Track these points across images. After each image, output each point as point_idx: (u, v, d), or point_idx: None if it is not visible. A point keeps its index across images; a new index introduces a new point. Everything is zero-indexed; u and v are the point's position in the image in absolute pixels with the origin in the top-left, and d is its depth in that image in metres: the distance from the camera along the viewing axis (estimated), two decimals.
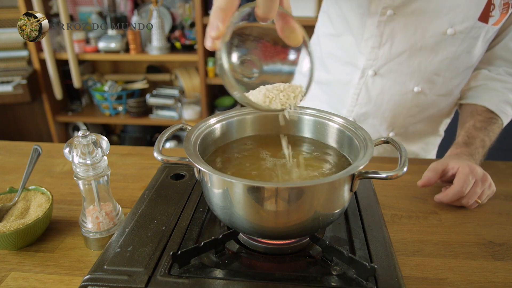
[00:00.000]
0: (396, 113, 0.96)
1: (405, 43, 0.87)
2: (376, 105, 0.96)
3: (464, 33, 0.84)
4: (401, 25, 0.85)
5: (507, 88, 0.91)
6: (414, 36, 0.85)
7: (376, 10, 0.85)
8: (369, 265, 0.47)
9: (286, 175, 0.56)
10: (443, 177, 0.80)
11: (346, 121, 0.61)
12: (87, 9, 2.56)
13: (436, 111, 0.99)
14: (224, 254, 0.54)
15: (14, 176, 0.88)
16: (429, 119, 1.01)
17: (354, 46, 0.93)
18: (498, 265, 0.61)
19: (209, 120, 0.63)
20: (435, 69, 0.89)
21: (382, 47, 0.89)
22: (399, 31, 0.86)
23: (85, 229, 0.64)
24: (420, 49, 0.87)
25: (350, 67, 0.96)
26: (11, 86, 2.32)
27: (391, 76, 0.91)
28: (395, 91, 0.93)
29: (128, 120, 2.58)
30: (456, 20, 0.82)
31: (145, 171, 0.90)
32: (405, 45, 0.87)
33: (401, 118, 0.97)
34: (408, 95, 0.93)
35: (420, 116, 0.98)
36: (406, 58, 0.88)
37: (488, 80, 0.93)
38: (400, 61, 0.89)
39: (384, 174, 0.48)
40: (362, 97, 0.96)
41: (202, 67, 2.35)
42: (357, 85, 0.95)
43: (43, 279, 0.58)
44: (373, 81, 0.93)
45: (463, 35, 0.84)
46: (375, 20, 0.87)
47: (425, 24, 0.84)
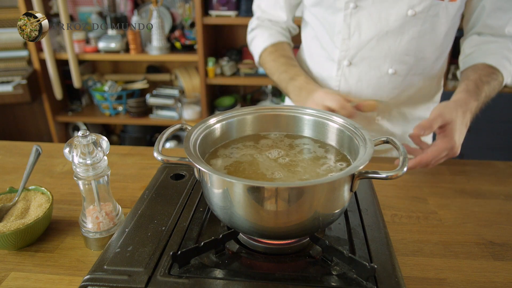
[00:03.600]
0: (377, 98, 1.01)
1: (372, 30, 0.93)
2: (357, 93, 1.01)
3: (424, 12, 0.89)
4: (365, 15, 0.92)
5: (502, 47, 0.93)
6: (379, 22, 0.91)
7: (340, 6, 0.93)
8: (369, 265, 0.47)
9: (286, 174, 0.56)
10: None
11: (346, 121, 0.61)
12: (87, 9, 2.56)
13: (416, 92, 1.02)
14: (224, 254, 0.54)
15: (14, 176, 0.88)
16: (412, 101, 1.04)
17: (329, 42, 1.00)
18: (498, 265, 0.61)
19: (209, 120, 0.63)
20: (404, 50, 0.94)
21: (351, 37, 0.95)
22: (365, 20, 0.93)
23: (85, 229, 0.64)
24: (386, 33, 0.92)
25: (329, 62, 1.02)
26: (11, 86, 2.32)
27: (365, 62, 0.97)
28: (371, 76, 0.98)
29: (128, 120, 2.58)
30: (414, 2, 0.87)
31: (145, 171, 0.90)
32: (372, 32, 0.93)
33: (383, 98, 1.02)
34: (384, 78, 0.97)
35: (401, 98, 1.02)
36: (375, 43, 0.94)
37: (482, 44, 0.96)
38: (370, 47, 0.95)
39: (384, 174, 0.48)
40: (342, 88, 1.02)
41: (202, 67, 2.35)
42: (336, 77, 1.02)
43: (43, 279, 0.58)
44: (349, 71, 0.99)
45: (423, 15, 0.89)
46: (341, 14, 0.94)
47: (387, 10, 0.90)
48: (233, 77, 2.41)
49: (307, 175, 0.56)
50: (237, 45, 2.60)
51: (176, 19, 2.53)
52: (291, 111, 0.67)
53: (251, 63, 2.44)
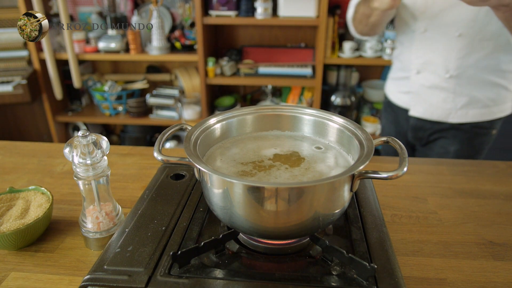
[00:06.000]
0: (446, 56, 1.16)
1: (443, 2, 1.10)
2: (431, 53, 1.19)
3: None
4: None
5: None
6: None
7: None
8: (369, 265, 0.47)
9: (286, 174, 0.56)
10: None
11: (346, 121, 0.61)
12: (87, 9, 2.56)
13: (485, 57, 1.13)
14: (224, 254, 0.54)
15: (14, 176, 0.88)
16: (484, 65, 1.15)
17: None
18: (498, 265, 0.61)
19: (209, 120, 0.63)
20: (471, 16, 1.08)
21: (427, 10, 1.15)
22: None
23: (85, 229, 0.64)
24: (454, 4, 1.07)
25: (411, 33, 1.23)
26: (11, 86, 2.32)
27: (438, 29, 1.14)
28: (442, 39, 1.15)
29: (128, 120, 2.58)
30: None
31: (145, 171, 0.90)
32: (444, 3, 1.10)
33: (451, 61, 1.16)
34: (453, 40, 1.13)
35: (471, 60, 1.14)
36: (446, 13, 1.11)
37: None
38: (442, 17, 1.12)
39: (384, 174, 0.48)
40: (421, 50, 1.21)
41: (202, 67, 2.35)
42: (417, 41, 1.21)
43: (43, 279, 0.58)
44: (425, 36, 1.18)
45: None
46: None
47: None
48: (233, 77, 2.41)
49: (307, 175, 0.56)
50: (237, 45, 2.60)
51: (176, 19, 2.53)
52: (291, 111, 0.67)
53: (251, 63, 2.44)
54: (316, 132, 0.66)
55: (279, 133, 0.68)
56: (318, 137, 0.66)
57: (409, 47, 1.25)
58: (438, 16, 1.13)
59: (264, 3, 2.17)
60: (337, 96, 2.40)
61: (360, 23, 1.24)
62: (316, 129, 0.66)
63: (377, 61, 2.29)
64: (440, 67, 1.19)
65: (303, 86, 2.52)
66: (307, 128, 0.67)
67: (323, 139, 0.65)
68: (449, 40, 1.14)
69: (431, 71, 1.21)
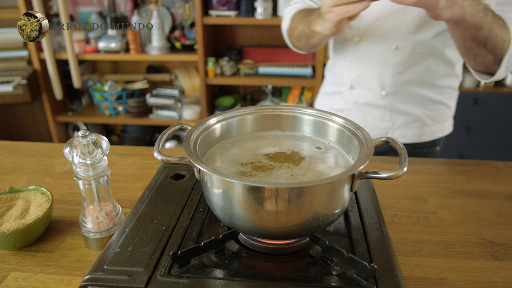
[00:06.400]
0: (382, 71, 1.07)
1: (378, 10, 1.00)
2: (366, 67, 1.10)
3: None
4: None
5: None
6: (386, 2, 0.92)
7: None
8: (369, 265, 0.47)
9: (286, 175, 0.56)
10: None
11: (346, 121, 0.61)
12: (87, 9, 2.56)
13: (423, 72, 1.06)
14: (224, 254, 0.54)
15: (14, 176, 0.88)
16: (421, 80, 1.07)
17: None
18: (498, 265, 0.61)
19: (209, 120, 0.62)
20: (407, 28, 1.00)
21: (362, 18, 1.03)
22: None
23: (85, 229, 0.64)
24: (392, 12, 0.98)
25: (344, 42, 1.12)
26: (11, 86, 2.32)
27: (373, 39, 1.06)
28: (378, 51, 1.06)
29: (128, 120, 2.58)
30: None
31: (145, 171, 0.90)
32: (379, 11, 1.00)
33: (387, 76, 1.07)
34: (389, 53, 1.04)
35: (408, 75, 1.06)
36: (381, 22, 1.02)
37: None
38: (377, 26, 1.03)
39: (384, 174, 0.48)
40: (354, 62, 1.11)
41: (202, 67, 2.35)
42: (350, 52, 1.11)
43: (43, 279, 0.58)
44: (360, 46, 1.08)
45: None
46: None
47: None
48: (233, 77, 2.41)
49: (307, 175, 0.56)
50: (237, 45, 2.60)
51: (176, 19, 2.53)
52: (291, 111, 0.67)
53: (251, 63, 2.44)
54: (316, 132, 0.66)
55: (279, 133, 0.68)
56: (318, 137, 0.66)
57: (342, 58, 1.14)
58: (374, 24, 1.03)
59: (264, 3, 2.17)
60: None
61: (299, 41, 1.10)
62: (316, 129, 0.66)
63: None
64: (375, 83, 1.09)
65: (303, 86, 2.52)
66: (307, 128, 0.67)
67: (323, 139, 0.65)
68: (385, 53, 1.04)
69: (366, 86, 1.11)
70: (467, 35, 0.84)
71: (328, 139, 0.65)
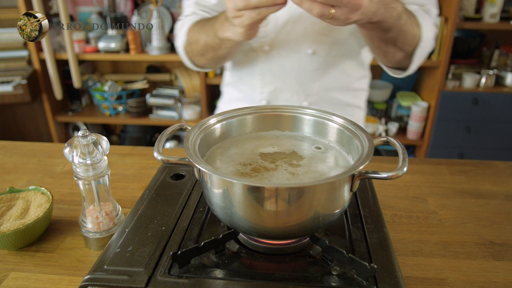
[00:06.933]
0: (301, 80, 0.99)
1: (286, 14, 0.90)
2: (281, 78, 1.00)
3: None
4: None
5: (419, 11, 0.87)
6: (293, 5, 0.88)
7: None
8: (369, 265, 0.47)
9: (286, 175, 0.56)
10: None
11: (346, 121, 0.61)
12: (87, 9, 2.56)
13: (340, 76, 1.01)
14: (224, 254, 0.54)
15: (14, 176, 0.88)
16: (339, 85, 1.03)
17: None
18: (498, 265, 0.61)
19: (209, 120, 0.62)
20: (320, 30, 0.92)
21: (268, 24, 0.93)
22: None
23: (85, 229, 0.64)
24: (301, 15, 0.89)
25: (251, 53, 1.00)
26: (11, 86, 2.32)
27: (285, 46, 0.95)
28: (293, 58, 0.97)
29: (128, 120, 2.58)
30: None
31: (145, 171, 0.90)
32: (287, 15, 0.91)
33: (307, 85, 1.00)
34: (305, 59, 0.96)
35: (327, 81, 1.01)
36: (291, 26, 0.92)
37: None
38: (287, 31, 0.93)
39: (384, 174, 0.48)
40: (267, 75, 1.00)
41: None
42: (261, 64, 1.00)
43: (43, 279, 0.58)
44: (271, 56, 0.98)
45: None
46: None
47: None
48: None
49: (307, 175, 0.56)
50: None
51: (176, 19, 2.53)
52: (291, 111, 0.67)
53: None
54: (316, 132, 0.66)
55: (279, 133, 0.68)
56: (318, 137, 0.66)
57: (250, 72, 1.02)
58: (284, 30, 0.93)
59: None
60: None
61: (204, 56, 0.94)
62: (316, 129, 0.66)
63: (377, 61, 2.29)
64: (295, 94, 1.00)
65: None
66: (307, 128, 0.67)
67: (323, 139, 0.65)
68: (301, 60, 0.96)
69: (285, 100, 1.01)
70: (374, 36, 0.80)
71: (328, 139, 0.65)
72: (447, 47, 2.17)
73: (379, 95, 2.48)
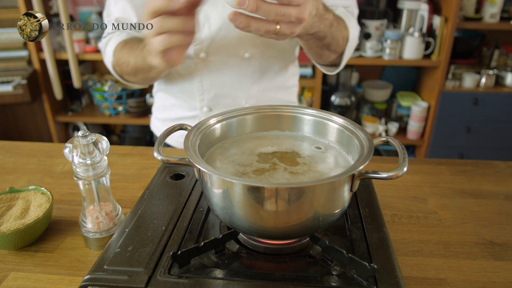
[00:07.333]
0: (240, 84, 1.01)
1: (219, 19, 0.92)
2: (221, 84, 1.01)
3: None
4: (210, 5, 0.90)
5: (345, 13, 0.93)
6: (224, 10, 0.89)
7: None
8: (369, 265, 0.47)
9: (286, 175, 0.56)
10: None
11: (346, 121, 0.61)
12: (87, 9, 2.56)
13: (276, 75, 1.05)
14: (224, 254, 0.54)
15: (14, 176, 0.88)
16: (275, 85, 1.06)
17: None
18: (498, 265, 0.61)
19: (209, 120, 0.63)
20: None
21: (202, 30, 0.94)
22: (210, 10, 0.91)
23: (85, 229, 0.64)
24: None
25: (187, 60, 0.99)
26: (11, 86, 2.32)
27: (221, 51, 0.97)
28: (230, 63, 0.99)
29: (128, 120, 2.58)
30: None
31: (145, 171, 0.90)
32: (220, 20, 0.92)
33: (246, 88, 1.02)
34: (243, 63, 0.99)
35: (264, 82, 1.04)
36: (225, 32, 0.93)
37: None
38: (222, 36, 0.94)
39: (384, 174, 0.48)
40: (206, 82, 1.01)
41: None
42: (198, 71, 1.00)
43: (43, 279, 0.58)
44: (209, 62, 0.98)
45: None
46: None
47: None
48: None
49: (307, 175, 0.56)
50: None
51: None
52: (291, 111, 0.67)
53: None
54: (316, 132, 0.66)
55: (279, 133, 0.68)
56: (318, 137, 0.66)
57: (189, 79, 1.01)
58: (219, 36, 0.94)
59: None
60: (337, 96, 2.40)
61: (135, 76, 0.93)
62: (316, 129, 0.66)
63: (377, 61, 2.29)
64: (236, 99, 1.02)
65: (303, 86, 2.52)
66: (307, 128, 0.67)
67: (323, 139, 0.65)
68: (239, 64, 0.98)
69: (227, 105, 1.02)
70: (312, 44, 0.83)
71: (328, 139, 0.65)
72: (447, 47, 2.17)
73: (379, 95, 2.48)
